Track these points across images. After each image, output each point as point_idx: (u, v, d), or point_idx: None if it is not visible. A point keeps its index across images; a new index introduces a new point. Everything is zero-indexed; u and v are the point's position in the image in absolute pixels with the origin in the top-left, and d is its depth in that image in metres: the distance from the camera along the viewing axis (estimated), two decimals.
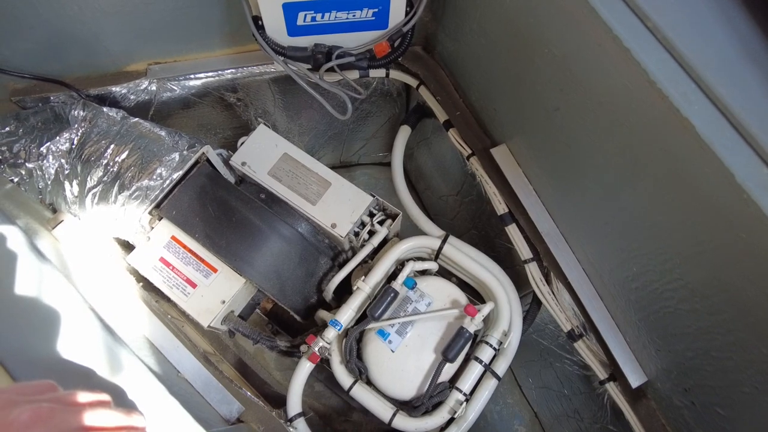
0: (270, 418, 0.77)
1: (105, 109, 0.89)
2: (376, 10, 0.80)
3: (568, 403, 1.03)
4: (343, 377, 0.83)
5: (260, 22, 0.81)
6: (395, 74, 1.02)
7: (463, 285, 0.92)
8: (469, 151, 0.94)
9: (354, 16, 0.80)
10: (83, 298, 0.51)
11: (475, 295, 0.95)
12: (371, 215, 0.91)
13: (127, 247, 0.94)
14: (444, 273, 0.94)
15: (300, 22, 0.80)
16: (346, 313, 0.82)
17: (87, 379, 0.44)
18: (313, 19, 0.80)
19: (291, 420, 0.82)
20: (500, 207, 0.89)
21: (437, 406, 0.81)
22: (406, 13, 0.82)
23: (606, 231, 0.71)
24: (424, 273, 0.92)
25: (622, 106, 0.57)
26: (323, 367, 0.90)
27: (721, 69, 0.50)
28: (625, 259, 0.69)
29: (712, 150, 0.47)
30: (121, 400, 0.45)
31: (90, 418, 0.34)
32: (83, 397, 0.35)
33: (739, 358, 0.56)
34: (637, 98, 0.54)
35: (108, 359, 0.46)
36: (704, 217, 0.53)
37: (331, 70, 0.87)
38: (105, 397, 0.36)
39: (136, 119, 0.89)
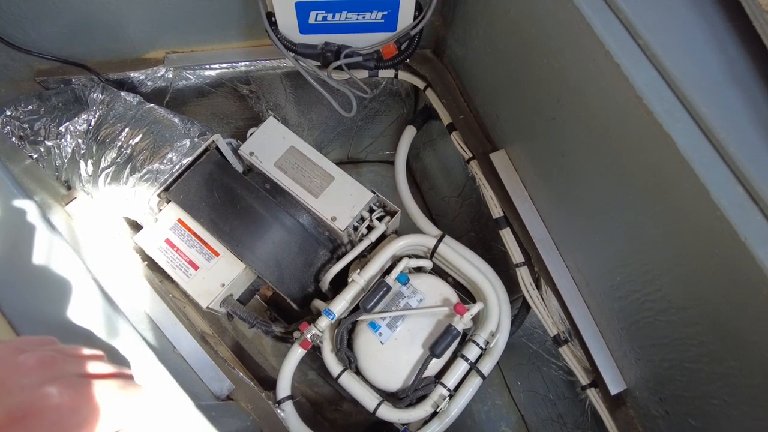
0: (259, 399, 0.80)
1: (122, 94, 0.93)
2: (386, 12, 0.82)
3: (553, 408, 1.05)
4: (333, 365, 0.86)
5: (273, 19, 0.84)
6: (403, 75, 1.04)
7: (458, 285, 0.94)
8: (470, 155, 0.96)
9: (364, 17, 0.83)
10: (88, 269, 0.54)
11: (468, 295, 0.97)
12: (371, 211, 0.94)
13: (135, 226, 0.98)
14: (440, 272, 0.96)
15: (311, 20, 0.83)
16: (340, 304, 0.85)
17: (85, 339, 0.48)
18: (324, 18, 0.83)
19: (279, 402, 0.85)
20: (496, 211, 0.91)
21: (422, 399, 0.83)
22: (415, 17, 0.85)
23: (594, 240, 0.73)
24: (419, 270, 0.94)
25: (613, 120, 0.59)
26: (318, 356, 0.93)
27: (706, 89, 0.51)
28: (610, 268, 0.71)
29: (690, 166, 0.49)
30: (114, 359, 0.48)
31: (87, 366, 0.38)
32: (81, 350, 0.40)
33: (710, 370, 0.58)
34: (625, 113, 0.56)
35: (106, 326, 0.50)
36: (683, 231, 0.54)
37: (339, 68, 0.89)
38: (99, 352, 0.41)
39: (152, 105, 0.93)
